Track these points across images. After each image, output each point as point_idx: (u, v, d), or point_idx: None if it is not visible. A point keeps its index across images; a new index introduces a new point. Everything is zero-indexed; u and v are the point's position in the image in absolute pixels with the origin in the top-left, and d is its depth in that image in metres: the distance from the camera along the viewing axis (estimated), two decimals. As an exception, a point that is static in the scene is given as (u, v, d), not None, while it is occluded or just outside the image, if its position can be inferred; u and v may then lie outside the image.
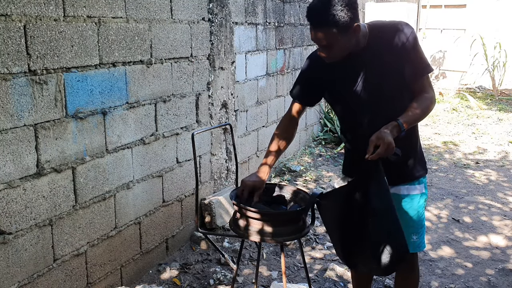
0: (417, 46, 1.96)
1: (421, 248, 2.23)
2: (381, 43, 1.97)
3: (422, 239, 2.20)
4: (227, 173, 4.00)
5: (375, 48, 1.97)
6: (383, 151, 1.81)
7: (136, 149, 2.89)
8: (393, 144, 1.82)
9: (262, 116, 4.69)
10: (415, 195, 2.15)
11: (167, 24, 3.05)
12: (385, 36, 1.98)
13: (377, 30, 2.00)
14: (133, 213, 2.93)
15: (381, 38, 1.98)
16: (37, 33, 2.17)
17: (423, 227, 2.21)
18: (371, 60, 1.98)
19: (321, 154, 5.82)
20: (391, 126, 1.87)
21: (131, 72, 2.78)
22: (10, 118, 2.09)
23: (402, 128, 1.88)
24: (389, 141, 1.81)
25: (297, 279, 3.14)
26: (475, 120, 8.13)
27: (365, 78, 2.00)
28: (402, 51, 1.94)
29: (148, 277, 3.08)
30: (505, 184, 5.07)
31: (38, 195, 2.27)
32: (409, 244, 2.16)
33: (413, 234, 2.16)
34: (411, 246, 2.17)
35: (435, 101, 2.03)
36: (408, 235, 2.14)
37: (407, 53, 1.94)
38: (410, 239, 2.15)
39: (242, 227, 2.21)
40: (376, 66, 1.98)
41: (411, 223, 2.15)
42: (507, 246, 3.66)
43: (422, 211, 2.20)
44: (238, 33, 4.01)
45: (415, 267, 2.27)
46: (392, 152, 1.84)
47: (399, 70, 1.96)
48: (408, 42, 1.94)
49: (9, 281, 2.15)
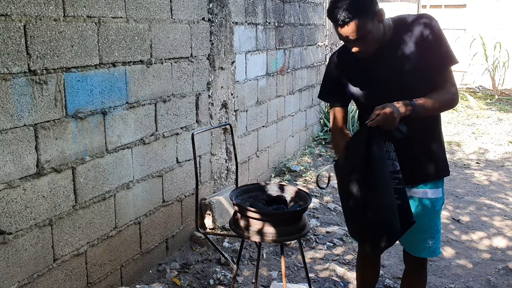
0: (441, 37, 1.95)
1: (437, 254, 2.17)
2: (405, 35, 1.96)
3: (438, 244, 2.16)
4: (227, 173, 4.00)
5: (399, 41, 1.97)
6: (383, 119, 1.81)
7: (136, 149, 2.89)
8: (395, 116, 1.80)
9: (262, 116, 4.69)
10: (435, 198, 2.12)
11: (167, 24, 3.05)
12: (409, 28, 1.97)
13: (400, 23, 2.00)
14: (133, 213, 2.93)
15: (405, 30, 1.97)
16: (37, 33, 2.17)
17: (439, 233, 2.16)
18: (396, 53, 1.98)
19: (321, 154, 5.82)
20: (402, 102, 1.86)
21: (131, 72, 2.78)
22: (10, 118, 2.09)
23: (415, 109, 1.85)
24: (391, 111, 1.80)
25: (297, 279, 3.14)
26: (475, 120, 8.13)
27: (391, 71, 2.00)
28: (426, 43, 1.93)
29: (148, 277, 3.08)
30: (505, 184, 5.07)
31: (38, 195, 2.27)
32: (423, 249, 2.13)
33: (429, 239, 2.12)
34: (426, 251, 2.13)
35: (457, 99, 1.99)
36: (424, 240, 2.11)
37: (432, 45, 1.93)
38: (426, 244, 2.12)
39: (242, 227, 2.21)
40: (401, 59, 1.97)
41: (427, 228, 2.11)
42: (508, 246, 3.66)
43: (439, 216, 2.17)
44: (238, 33, 4.01)
45: (424, 272, 2.24)
46: (394, 125, 1.83)
47: (424, 63, 1.95)
48: (432, 34, 1.93)
49: (9, 281, 2.15)
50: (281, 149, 5.26)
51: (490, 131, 7.33)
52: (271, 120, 4.90)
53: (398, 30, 1.99)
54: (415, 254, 2.17)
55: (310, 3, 5.68)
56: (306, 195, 2.42)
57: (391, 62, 1.99)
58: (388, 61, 2.00)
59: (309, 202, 2.34)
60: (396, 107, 1.83)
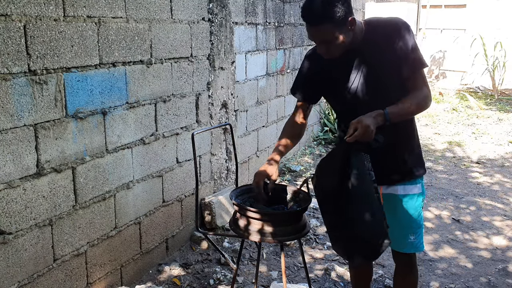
0: (411, 42, 1.97)
1: (420, 249, 2.22)
2: (377, 38, 1.98)
3: (420, 239, 2.19)
4: (227, 173, 4.00)
5: (371, 44, 1.98)
6: (360, 134, 1.84)
7: (136, 149, 2.89)
8: (371, 129, 1.83)
9: (262, 116, 4.69)
10: (413, 194, 2.15)
11: (167, 24, 3.05)
12: (381, 31, 1.99)
13: (373, 26, 2.02)
14: (133, 213, 2.93)
15: (377, 33, 1.99)
16: (37, 33, 2.17)
17: (421, 228, 2.19)
18: (367, 56, 1.99)
19: (321, 154, 5.82)
20: (375, 113, 1.89)
21: (131, 72, 2.78)
22: (10, 118, 2.09)
23: (387, 118, 1.89)
24: (367, 125, 1.83)
25: (297, 279, 3.14)
26: (475, 120, 8.13)
27: (362, 73, 2.02)
28: (397, 46, 1.95)
29: (148, 277, 3.08)
30: (505, 184, 5.07)
31: (38, 195, 2.27)
32: (406, 244, 2.17)
33: (410, 235, 2.15)
34: (409, 246, 2.17)
35: (430, 99, 2.02)
36: (405, 236, 2.15)
37: (402, 49, 1.95)
38: (407, 240, 2.15)
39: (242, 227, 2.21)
40: (372, 62, 1.99)
41: (408, 223, 2.15)
42: (508, 246, 3.65)
43: (420, 211, 2.19)
44: (238, 33, 4.01)
45: (413, 268, 2.27)
46: (371, 137, 1.86)
47: (395, 65, 1.97)
48: (401, 38, 1.95)
49: (9, 281, 2.15)
50: (281, 149, 5.25)
51: (490, 131, 7.33)
52: (271, 120, 4.90)
53: (369, 33, 2.00)
54: (398, 249, 2.20)
55: (310, 3, 5.67)
56: (306, 195, 2.42)
57: (361, 65, 2.01)
58: (358, 63, 2.02)
59: (309, 202, 2.34)
60: (371, 119, 1.86)
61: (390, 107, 1.91)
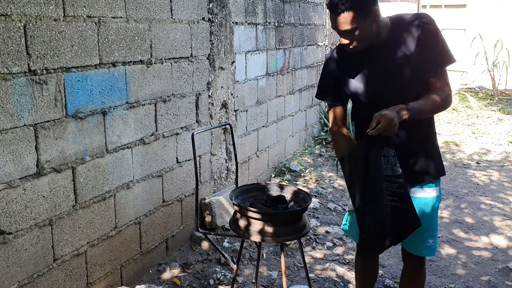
0: (438, 36, 1.95)
1: (434, 253, 2.19)
2: (402, 35, 1.97)
3: (437, 242, 2.18)
4: (227, 173, 4.00)
5: (396, 40, 1.97)
6: (384, 127, 1.82)
7: (136, 149, 2.89)
8: (395, 122, 1.82)
9: (262, 116, 4.69)
10: (433, 197, 2.12)
11: (167, 24, 3.05)
12: (406, 27, 1.97)
13: (398, 22, 2.01)
14: (133, 213, 2.93)
15: (403, 29, 1.98)
16: (37, 33, 2.17)
17: (437, 231, 2.18)
18: (392, 51, 1.98)
19: (321, 154, 5.82)
20: (398, 108, 1.87)
21: (131, 72, 2.78)
22: (10, 118, 2.08)
23: (411, 112, 1.87)
24: (391, 118, 1.81)
25: (297, 279, 3.14)
26: (475, 120, 8.13)
27: (386, 69, 2.00)
28: (423, 41, 1.94)
29: (148, 277, 3.08)
30: (505, 184, 5.07)
31: (38, 195, 2.27)
32: (424, 248, 2.14)
33: (429, 238, 2.13)
34: (427, 250, 2.14)
35: (451, 100, 2.01)
36: (425, 239, 2.12)
37: (428, 43, 1.94)
38: (427, 243, 2.12)
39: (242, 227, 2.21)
40: (397, 58, 1.98)
41: (428, 227, 2.11)
42: (508, 246, 3.65)
43: (437, 214, 2.18)
44: (238, 33, 4.01)
45: (422, 270, 2.25)
46: (394, 131, 1.84)
47: (420, 61, 1.95)
48: (429, 32, 1.94)
49: (9, 281, 2.15)
50: (281, 149, 5.26)
51: (490, 131, 7.33)
52: (271, 120, 4.90)
53: (395, 29, 1.99)
54: (415, 253, 2.17)
55: (310, 3, 5.68)
56: (306, 195, 2.42)
57: (387, 61, 2.00)
58: (384, 59, 2.00)
59: (309, 202, 2.34)
60: (395, 112, 1.84)
61: (412, 103, 1.90)
